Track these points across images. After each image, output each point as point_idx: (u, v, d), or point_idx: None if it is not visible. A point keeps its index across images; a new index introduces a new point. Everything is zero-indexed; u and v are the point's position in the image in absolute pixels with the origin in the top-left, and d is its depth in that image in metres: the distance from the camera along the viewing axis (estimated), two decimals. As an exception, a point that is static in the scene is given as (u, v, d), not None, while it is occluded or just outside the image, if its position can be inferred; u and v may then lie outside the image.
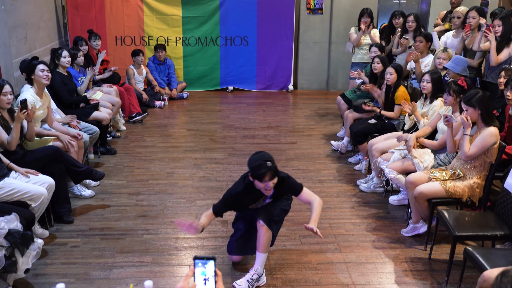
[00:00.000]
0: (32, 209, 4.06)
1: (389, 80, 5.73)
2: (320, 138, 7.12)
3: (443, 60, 5.58)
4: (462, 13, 6.28)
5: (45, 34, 8.07)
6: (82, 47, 7.13)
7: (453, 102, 4.59)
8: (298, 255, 4.19)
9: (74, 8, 9.01)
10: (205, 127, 7.59)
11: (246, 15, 9.39)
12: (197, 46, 9.52)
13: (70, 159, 4.85)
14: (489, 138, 3.99)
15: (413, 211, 4.44)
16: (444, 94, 4.69)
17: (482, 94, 4.08)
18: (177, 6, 9.24)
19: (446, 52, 5.64)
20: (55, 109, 5.62)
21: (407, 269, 4.02)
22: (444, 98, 4.74)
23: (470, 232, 3.76)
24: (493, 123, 4.05)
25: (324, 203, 5.09)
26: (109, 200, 5.17)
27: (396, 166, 4.79)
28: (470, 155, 4.06)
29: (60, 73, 6.05)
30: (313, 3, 9.51)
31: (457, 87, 4.52)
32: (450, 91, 4.56)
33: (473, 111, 4.06)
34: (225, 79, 9.79)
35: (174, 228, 4.59)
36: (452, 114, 4.62)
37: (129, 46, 9.27)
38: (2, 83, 4.37)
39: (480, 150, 4.02)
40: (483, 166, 4.12)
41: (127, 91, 7.66)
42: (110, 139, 6.86)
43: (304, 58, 9.85)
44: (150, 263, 4.06)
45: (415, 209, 4.40)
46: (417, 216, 4.43)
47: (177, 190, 5.41)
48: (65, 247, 4.28)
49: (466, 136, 4.08)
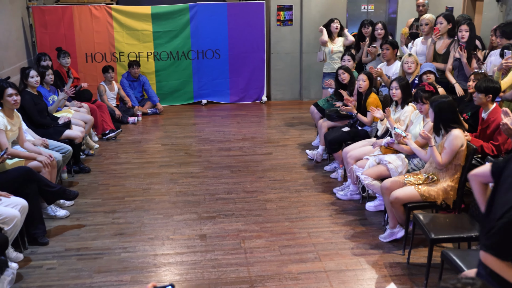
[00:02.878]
0: (5, 233, 3.96)
1: (361, 87, 5.80)
2: (295, 148, 7.16)
3: (410, 64, 5.69)
4: (430, 19, 6.42)
5: (13, 53, 7.94)
6: (45, 62, 7.06)
7: (428, 108, 4.65)
8: (278, 266, 4.18)
9: (42, 26, 8.90)
10: (180, 141, 7.55)
11: (217, 28, 9.42)
12: (169, 60, 9.49)
13: (43, 179, 4.76)
14: (455, 141, 4.07)
15: (389, 216, 4.49)
16: (417, 105, 4.74)
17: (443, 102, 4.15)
18: (147, 21, 9.21)
19: (411, 56, 5.75)
20: (25, 129, 5.52)
21: (386, 274, 4.05)
22: (418, 108, 4.78)
23: (446, 234, 3.81)
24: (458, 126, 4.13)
25: (302, 212, 5.14)
26: (85, 220, 5.08)
27: (371, 172, 4.84)
28: (444, 163, 4.13)
29: (30, 93, 5.96)
30: (283, 14, 9.60)
31: (427, 93, 4.59)
32: (422, 99, 4.60)
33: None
34: (199, 92, 9.77)
35: (152, 244, 4.54)
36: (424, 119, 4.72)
37: (100, 63, 9.18)
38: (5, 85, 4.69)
39: (451, 155, 4.10)
40: (455, 169, 4.20)
41: (99, 108, 7.58)
42: (83, 157, 6.76)
43: (277, 69, 9.91)
44: (129, 281, 4.00)
45: (391, 214, 4.44)
46: (393, 221, 4.48)
47: (154, 206, 5.36)
48: (41, 270, 4.18)
49: (432, 147, 4.17)
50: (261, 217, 5.05)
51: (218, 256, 4.33)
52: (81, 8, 9.03)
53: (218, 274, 4.06)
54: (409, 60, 5.72)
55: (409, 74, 5.70)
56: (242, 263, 4.21)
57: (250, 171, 6.29)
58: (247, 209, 5.22)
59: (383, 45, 6.39)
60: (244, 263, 4.22)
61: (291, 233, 4.73)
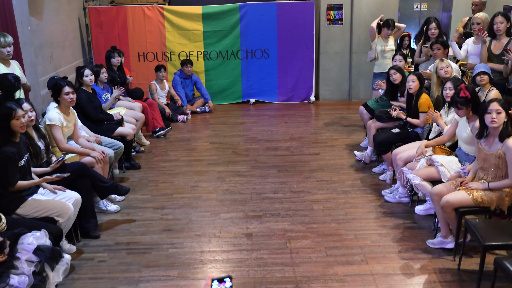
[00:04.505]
0: (59, 225, 4.12)
1: (411, 88, 5.67)
2: (343, 149, 7.08)
3: (446, 68, 5.53)
4: (482, 19, 6.20)
5: (70, 53, 8.25)
6: (115, 59, 7.40)
7: (465, 112, 4.51)
8: (324, 267, 4.15)
9: (97, 27, 9.19)
10: (228, 140, 7.62)
11: (267, 27, 9.45)
12: (219, 60, 9.60)
13: (96, 174, 4.92)
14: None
15: (441, 224, 4.33)
16: (454, 110, 4.61)
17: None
18: (198, 21, 9.35)
19: (444, 61, 5.59)
20: (80, 126, 5.72)
21: (435, 280, 3.95)
22: (455, 112, 4.62)
23: (500, 241, 3.67)
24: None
25: (349, 214, 5.08)
26: (135, 215, 5.22)
27: (421, 173, 4.72)
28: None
29: (85, 91, 6.17)
30: (333, 14, 9.52)
31: (462, 99, 4.44)
32: (457, 105, 4.47)
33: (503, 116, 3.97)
34: (247, 91, 9.84)
35: (199, 241, 4.61)
36: (468, 123, 4.55)
37: (152, 62, 9.40)
38: (14, 107, 4.01)
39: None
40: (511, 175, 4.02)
41: (150, 106, 7.76)
42: (134, 154, 6.94)
43: (325, 69, 9.83)
44: (176, 277, 4.08)
45: (443, 222, 4.30)
46: (446, 230, 4.33)
47: (201, 204, 5.43)
48: (92, 262, 4.33)
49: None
50: (308, 217, 5.03)
51: (264, 255, 4.34)
52: (134, 8, 9.27)
53: (264, 273, 4.08)
54: (443, 66, 5.55)
55: (447, 78, 5.50)
56: (288, 263, 4.21)
57: (297, 171, 6.27)
58: (293, 209, 5.21)
59: (434, 44, 6.22)
60: (289, 263, 4.22)
61: (337, 234, 4.68)
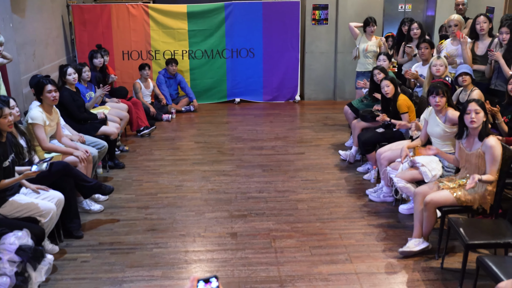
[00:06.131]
0: (42, 225, 4.07)
1: (388, 93, 5.70)
2: (328, 148, 7.11)
3: (439, 67, 5.56)
4: (458, 20, 6.27)
5: (53, 51, 8.15)
6: (98, 60, 7.29)
7: (445, 102, 4.59)
8: (309, 267, 4.16)
9: (81, 24, 9.11)
10: (213, 139, 7.60)
11: (252, 27, 9.44)
12: (204, 59, 9.57)
13: (79, 174, 4.87)
14: (496, 151, 3.92)
15: (416, 225, 4.29)
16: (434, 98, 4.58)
17: None
18: (183, 20, 9.31)
19: (440, 59, 5.62)
20: (63, 125, 5.65)
21: (419, 278, 3.98)
22: (433, 103, 4.63)
23: (482, 240, 3.71)
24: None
25: (333, 213, 5.09)
26: (118, 214, 5.17)
27: (405, 175, 4.75)
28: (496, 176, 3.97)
29: (68, 90, 6.09)
30: (318, 13, 9.55)
31: (446, 86, 4.54)
32: (442, 92, 4.54)
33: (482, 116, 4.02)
34: (232, 91, 9.82)
35: (184, 241, 4.59)
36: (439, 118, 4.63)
37: (136, 61, 9.35)
38: (1, 105, 3.91)
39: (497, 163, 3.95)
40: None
41: (134, 105, 7.70)
42: (118, 153, 6.88)
43: (311, 69, 9.86)
44: (160, 277, 4.05)
45: (418, 223, 4.27)
46: (419, 231, 4.30)
47: (186, 203, 5.41)
48: (75, 262, 4.28)
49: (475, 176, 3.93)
50: (292, 217, 5.04)
51: (249, 255, 4.33)
52: (118, 6, 9.20)
53: (248, 273, 4.07)
54: (437, 63, 5.58)
55: (437, 76, 5.55)
56: (273, 263, 4.21)
57: (282, 170, 6.28)
58: (278, 209, 5.22)
59: (421, 44, 6.27)
60: (274, 262, 4.22)
61: (322, 233, 4.70)
